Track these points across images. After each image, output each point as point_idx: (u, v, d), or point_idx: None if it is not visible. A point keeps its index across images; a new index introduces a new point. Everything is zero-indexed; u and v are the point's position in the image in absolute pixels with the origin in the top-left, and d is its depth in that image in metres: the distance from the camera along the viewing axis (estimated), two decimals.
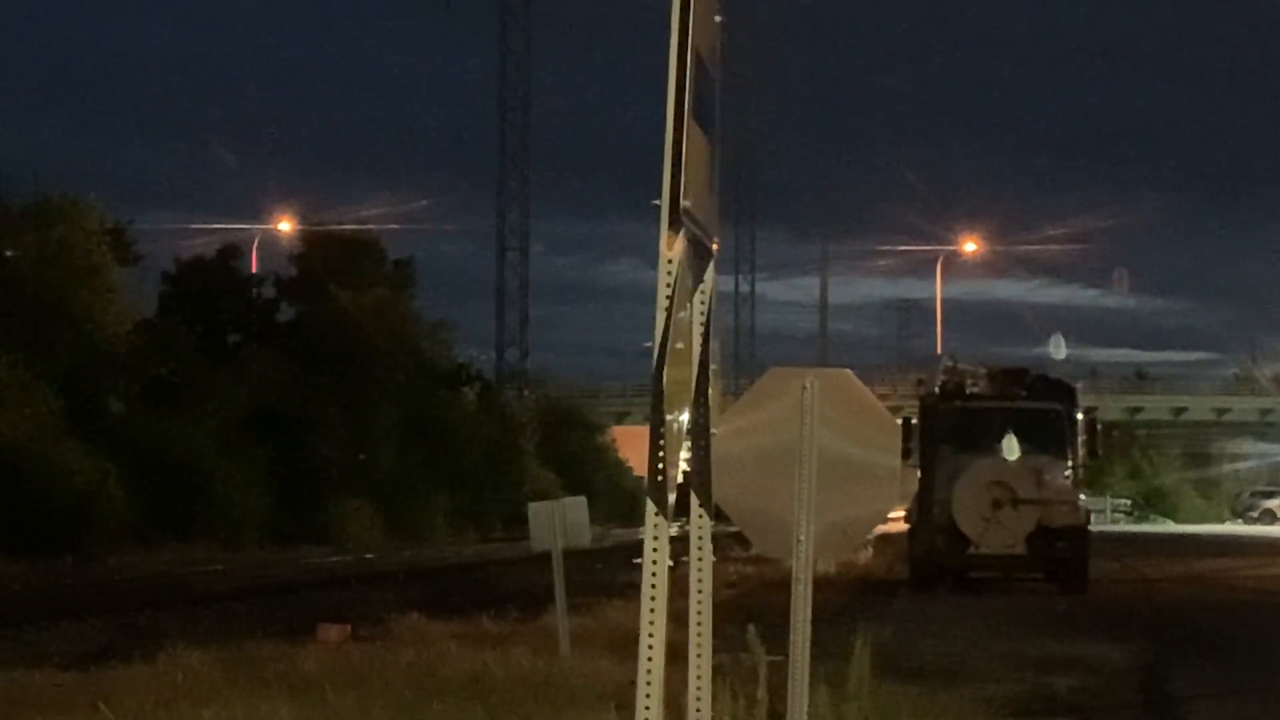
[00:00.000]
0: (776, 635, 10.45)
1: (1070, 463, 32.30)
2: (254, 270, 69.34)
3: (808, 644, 9.31)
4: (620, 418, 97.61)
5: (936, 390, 33.87)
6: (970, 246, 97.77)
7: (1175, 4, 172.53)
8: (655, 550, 7.21)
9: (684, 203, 7.13)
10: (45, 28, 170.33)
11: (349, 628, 20.47)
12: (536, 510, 18.37)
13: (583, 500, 18.81)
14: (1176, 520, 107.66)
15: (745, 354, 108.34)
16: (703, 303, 8.02)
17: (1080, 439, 32.90)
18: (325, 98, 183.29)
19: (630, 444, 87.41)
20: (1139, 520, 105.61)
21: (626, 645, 9.59)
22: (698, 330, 7.97)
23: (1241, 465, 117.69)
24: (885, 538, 41.34)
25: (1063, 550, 31.26)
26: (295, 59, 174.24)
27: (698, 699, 8.14)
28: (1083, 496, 33.62)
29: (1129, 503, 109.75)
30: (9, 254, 48.69)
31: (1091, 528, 33.43)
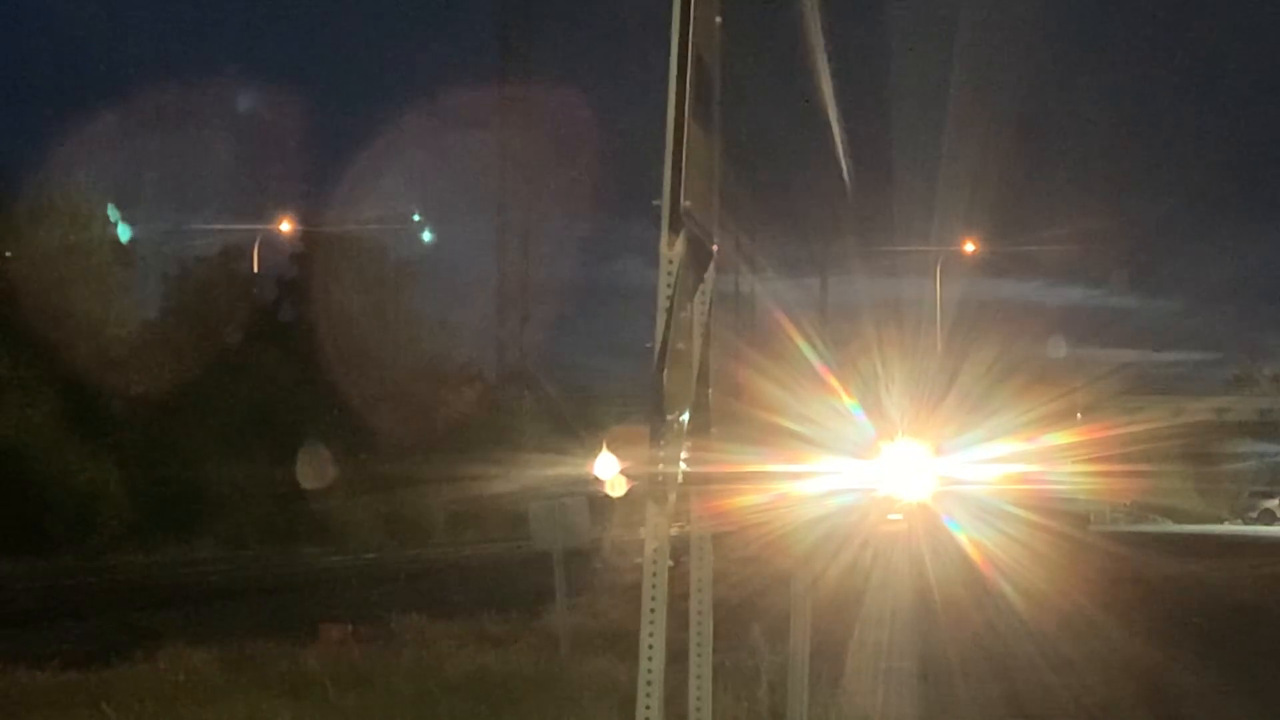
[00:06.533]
0: (777, 635, 10.47)
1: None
2: (255, 270, 69.26)
3: (808, 644, 9.32)
4: (620, 418, 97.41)
5: None
6: (970, 247, 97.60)
7: (1178, 4, 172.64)
8: (655, 550, 7.21)
9: (684, 203, 7.13)
10: (45, 27, 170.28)
11: (350, 627, 20.48)
12: (537, 510, 18.37)
13: (583, 501, 18.81)
14: (1175, 520, 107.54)
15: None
16: (703, 303, 8.02)
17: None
18: (326, 96, 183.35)
19: (630, 444, 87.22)
20: (1138, 520, 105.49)
21: (626, 645, 9.60)
22: (698, 330, 7.97)
23: (1241, 465, 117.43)
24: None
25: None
26: (295, 58, 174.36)
27: (698, 699, 8.14)
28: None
29: (1128, 503, 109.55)
30: (9, 254, 48.66)
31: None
